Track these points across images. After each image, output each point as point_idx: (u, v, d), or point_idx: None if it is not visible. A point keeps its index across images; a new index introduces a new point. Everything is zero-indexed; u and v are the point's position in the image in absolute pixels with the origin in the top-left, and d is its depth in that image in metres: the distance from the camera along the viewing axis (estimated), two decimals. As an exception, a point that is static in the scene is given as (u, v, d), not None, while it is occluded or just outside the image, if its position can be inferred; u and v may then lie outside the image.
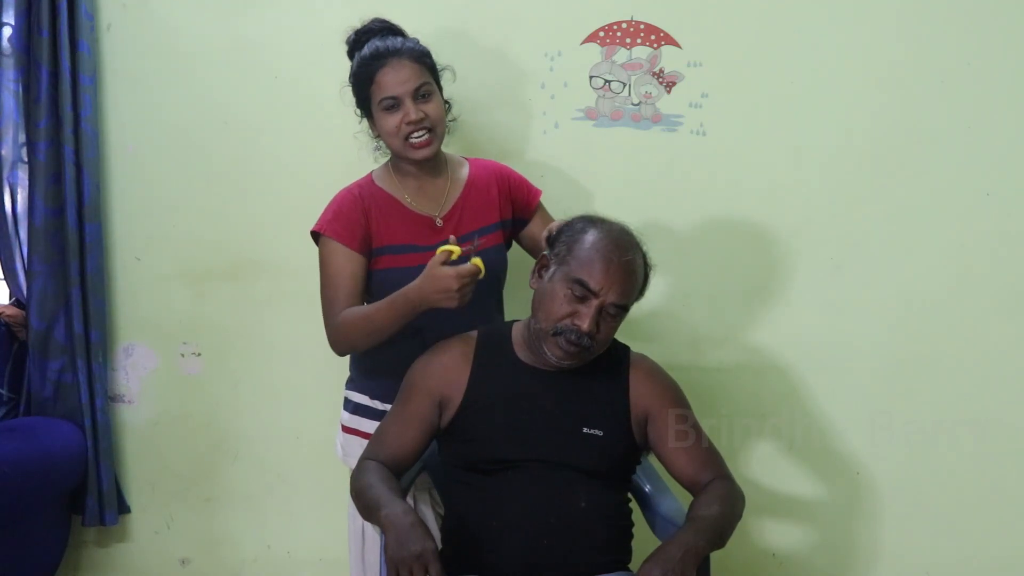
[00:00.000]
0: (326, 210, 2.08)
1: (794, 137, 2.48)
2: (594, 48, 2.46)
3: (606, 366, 1.86)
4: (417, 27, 2.37)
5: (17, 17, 2.43)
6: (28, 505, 2.37)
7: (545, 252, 1.85)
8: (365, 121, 2.12)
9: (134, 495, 2.66)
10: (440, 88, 2.08)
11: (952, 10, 2.42)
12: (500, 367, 1.85)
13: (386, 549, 1.60)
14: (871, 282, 2.51)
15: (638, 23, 2.45)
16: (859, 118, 2.47)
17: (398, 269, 2.05)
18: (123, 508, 2.63)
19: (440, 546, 1.88)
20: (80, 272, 2.48)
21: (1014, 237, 2.48)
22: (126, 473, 2.65)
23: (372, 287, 2.09)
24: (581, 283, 1.74)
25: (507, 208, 2.16)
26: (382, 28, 2.09)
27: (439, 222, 2.08)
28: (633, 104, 2.48)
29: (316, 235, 2.07)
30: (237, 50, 2.51)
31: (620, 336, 1.90)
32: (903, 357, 2.53)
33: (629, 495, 1.92)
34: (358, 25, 2.10)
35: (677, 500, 1.94)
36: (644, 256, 1.84)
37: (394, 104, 2.00)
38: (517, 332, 1.89)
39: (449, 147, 2.27)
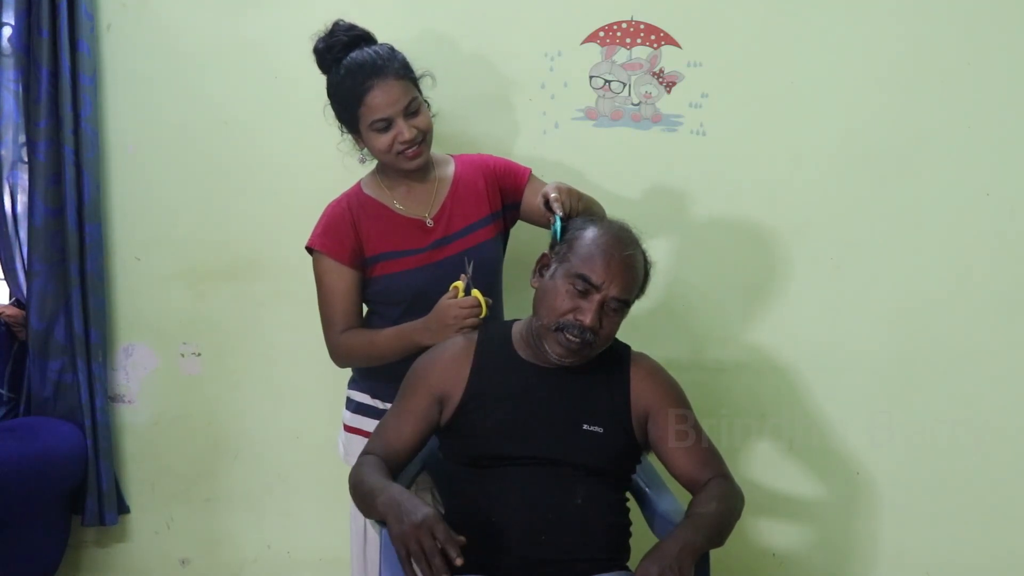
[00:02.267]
0: (317, 224, 2.10)
1: (794, 137, 2.48)
2: (594, 48, 2.46)
3: (607, 364, 1.86)
4: (417, 28, 2.39)
5: (17, 17, 2.42)
6: (28, 505, 2.37)
7: (546, 251, 1.86)
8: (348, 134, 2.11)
9: (134, 495, 2.66)
10: (421, 91, 2.07)
11: (952, 10, 2.43)
12: (501, 364, 1.86)
13: (389, 530, 1.60)
14: (871, 282, 2.51)
15: (638, 23, 2.45)
16: (859, 118, 2.47)
17: (395, 275, 2.07)
18: (123, 508, 2.63)
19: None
20: (80, 272, 2.48)
21: (1014, 237, 2.49)
22: (126, 473, 2.65)
23: (370, 295, 2.11)
24: (583, 278, 1.74)
25: (496, 198, 2.16)
26: (351, 38, 2.03)
27: (429, 222, 2.09)
28: (633, 104, 2.48)
29: (309, 249, 2.10)
30: (237, 50, 2.51)
31: (620, 335, 1.90)
32: (903, 357, 2.53)
33: (628, 494, 1.92)
34: (321, 32, 2.05)
35: (676, 499, 1.94)
36: (644, 253, 1.85)
37: (386, 126, 2.00)
38: (517, 330, 1.90)
39: (448, 147, 2.28)
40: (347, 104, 2.02)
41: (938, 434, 2.52)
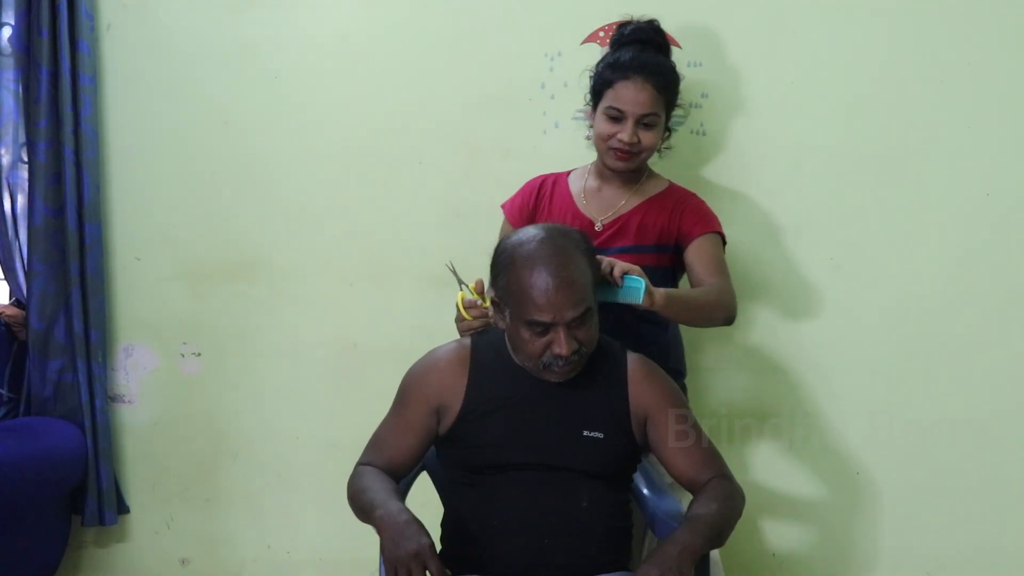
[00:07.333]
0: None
1: (794, 137, 2.48)
2: (594, 48, 2.46)
3: (604, 368, 1.85)
4: (417, 28, 2.39)
5: (17, 17, 2.43)
6: (28, 505, 2.37)
7: (491, 292, 1.82)
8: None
9: (134, 495, 2.66)
10: (668, 118, 2.11)
11: (951, 10, 2.43)
12: (498, 373, 1.84)
13: (382, 550, 1.60)
14: (871, 282, 2.51)
15: (638, 23, 2.45)
16: (859, 118, 2.47)
17: None
18: (123, 508, 2.63)
19: (440, 546, 1.89)
20: (80, 272, 2.49)
21: (1014, 237, 2.48)
22: (126, 473, 2.65)
23: None
24: (535, 323, 1.71)
25: (672, 235, 2.13)
26: (650, 38, 2.11)
27: (599, 226, 2.12)
28: (633, 104, 2.47)
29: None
30: (237, 50, 2.51)
31: (620, 334, 1.90)
32: (903, 357, 2.53)
33: (629, 496, 1.92)
34: (632, 18, 2.13)
35: (676, 500, 1.94)
36: (579, 238, 1.76)
37: (618, 117, 2.04)
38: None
39: (447, 146, 2.28)
40: (605, 78, 2.09)
41: (938, 434, 2.52)
